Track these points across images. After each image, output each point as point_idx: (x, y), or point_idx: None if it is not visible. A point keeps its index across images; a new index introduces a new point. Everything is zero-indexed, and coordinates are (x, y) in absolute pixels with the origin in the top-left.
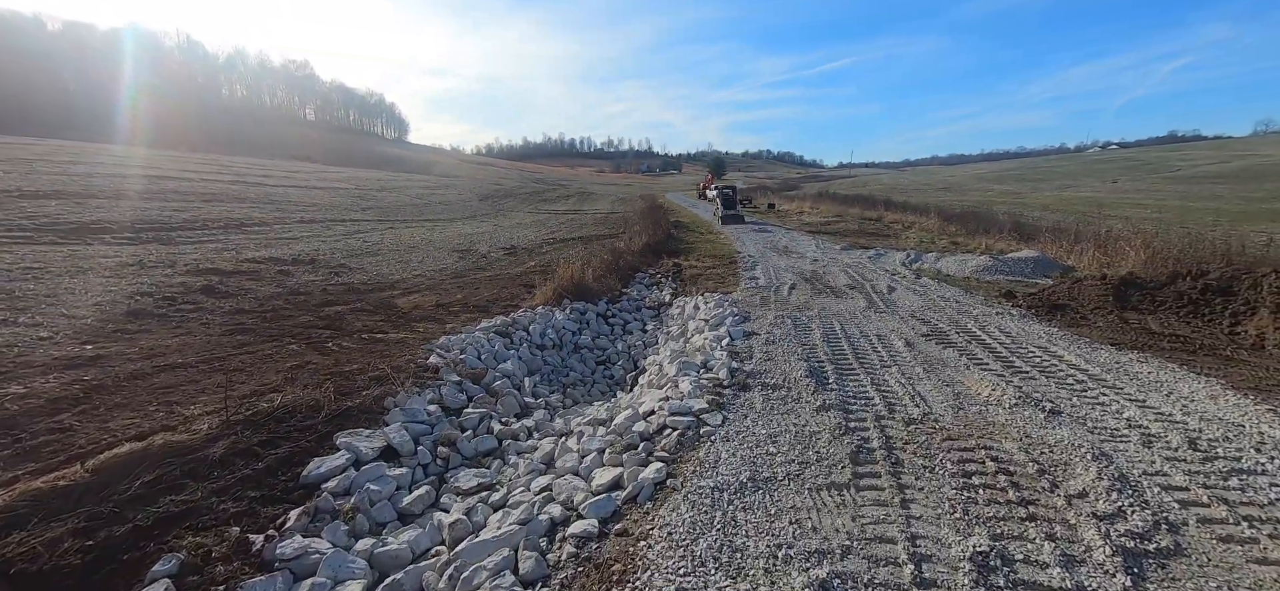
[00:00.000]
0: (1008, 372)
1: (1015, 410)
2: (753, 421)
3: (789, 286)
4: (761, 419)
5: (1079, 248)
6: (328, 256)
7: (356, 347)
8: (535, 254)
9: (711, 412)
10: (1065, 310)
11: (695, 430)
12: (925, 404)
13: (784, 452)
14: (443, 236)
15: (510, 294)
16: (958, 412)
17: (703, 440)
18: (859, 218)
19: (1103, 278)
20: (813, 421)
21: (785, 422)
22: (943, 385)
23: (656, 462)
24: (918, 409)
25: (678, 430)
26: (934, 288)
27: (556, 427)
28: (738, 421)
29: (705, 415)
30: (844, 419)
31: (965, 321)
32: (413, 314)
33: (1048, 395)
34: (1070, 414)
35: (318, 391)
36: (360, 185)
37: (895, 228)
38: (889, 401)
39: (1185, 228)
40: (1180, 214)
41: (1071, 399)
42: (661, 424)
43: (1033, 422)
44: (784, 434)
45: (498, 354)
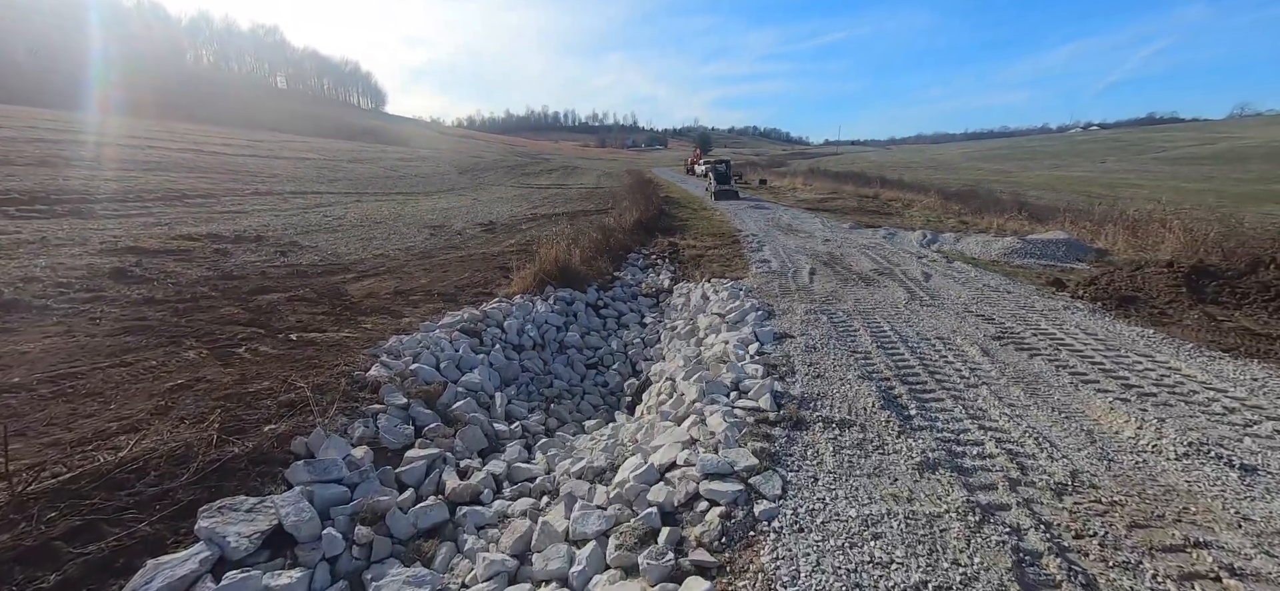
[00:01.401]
0: (1133, 396)
1: (1189, 463)
2: (829, 491)
3: (808, 271)
4: (840, 486)
5: (1104, 230)
6: (278, 233)
7: (276, 355)
8: (515, 231)
9: (764, 473)
10: (1137, 304)
11: (745, 507)
12: (1060, 453)
13: (900, 561)
14: (414, 211)
15: (484, 278)
16: (1114, 469)
17: (761, 530)
18: (855, 195)
19: (1169, 265)
20: (920, 492)
21: (879, 493)
22: (1062, 417)
23: (695, 578)
24: (1056, 463)
25: (719, 506)
26: (973, 274)
27: (536, 472)
28: (806, 491)
29: (755, 478)
30: (965, 488)
31: (1032, 318)
32: (364, 304)
33: (1210, 435)
34: (1267, 469)
35: (195, 429)
36: (329, 156)
37: (895, 206)
38: (1010, 449)
39: (1184, 207)
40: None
41: (1243, 441)
42: (691, 492)
43: (1230, 488)
44: (886, 519)
45: (462, 360)
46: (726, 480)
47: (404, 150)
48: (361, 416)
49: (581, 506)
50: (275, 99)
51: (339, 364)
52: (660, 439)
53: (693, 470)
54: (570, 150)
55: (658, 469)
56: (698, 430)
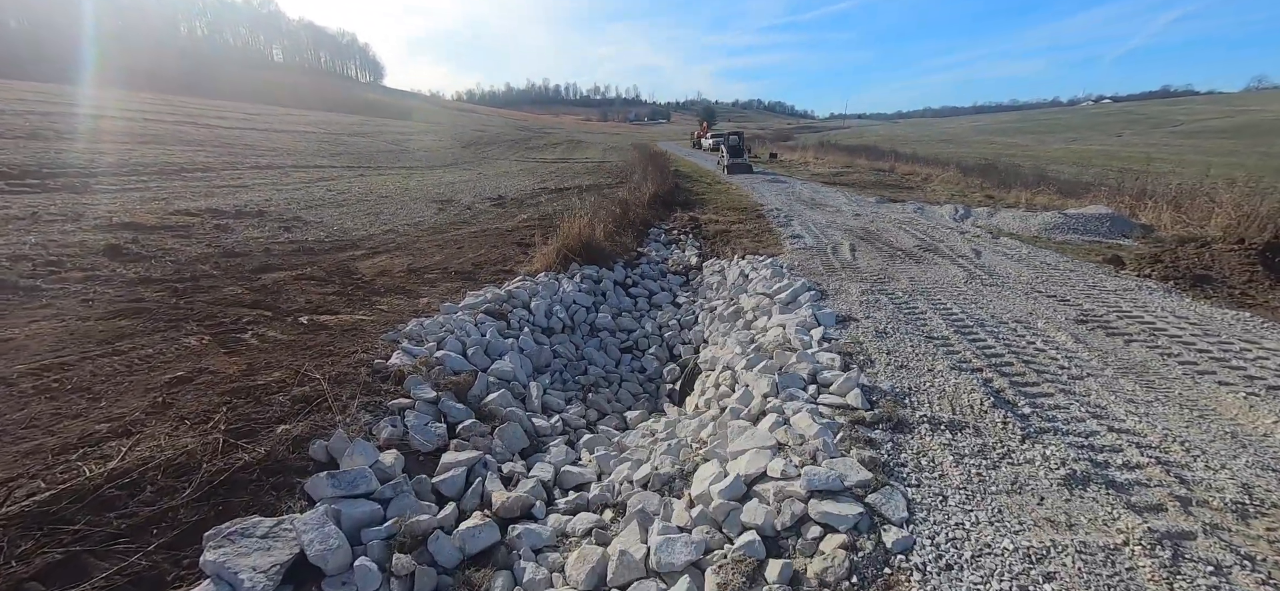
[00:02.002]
0: (1261, 390)
1: None
2: (966, 514)
3: (848, 247)
4: (978, 506)
5: (1143, 204)
6: (281, 208)
7: (286, 341)
8: (526, 205)
9: (882, 489)
10: (1213, 284)
11: (871, 535)
12: (1218, 462)
13: None
14: (420, 185)
15: (501, 255)
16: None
17: (899, 567)
18: (870, 169)
19: (1240, 242)
20: (1079, 516)
21: (1029, 517)
22: (1196, 416)
23: None
24: (1219, 476)
25: (838, 534)
26: (1026, 251)
27: (586, 475)
28: (938, 513)
29: (873, 497)
30: (1130, 509)
31: (1108, 298)
32: (377, 283)
33: None
34: None
35: (198, 431)
36: (329, 129)
37: (914, 180)
38: (1157, 458)
39: (1219, 180)
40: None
41: None
42: (798, 513)
43: None
44: (1053, 554)
45: (491, 345)
46: (839, 499)
47: (405, 124)
48: (387, 413)
49: (661, 529)
50: (271, 72)
51: (356, 351)
52: (739, 442)
53: (793, 485)
54: (572, 124)
55: (744, 480)
56: (784, 433)
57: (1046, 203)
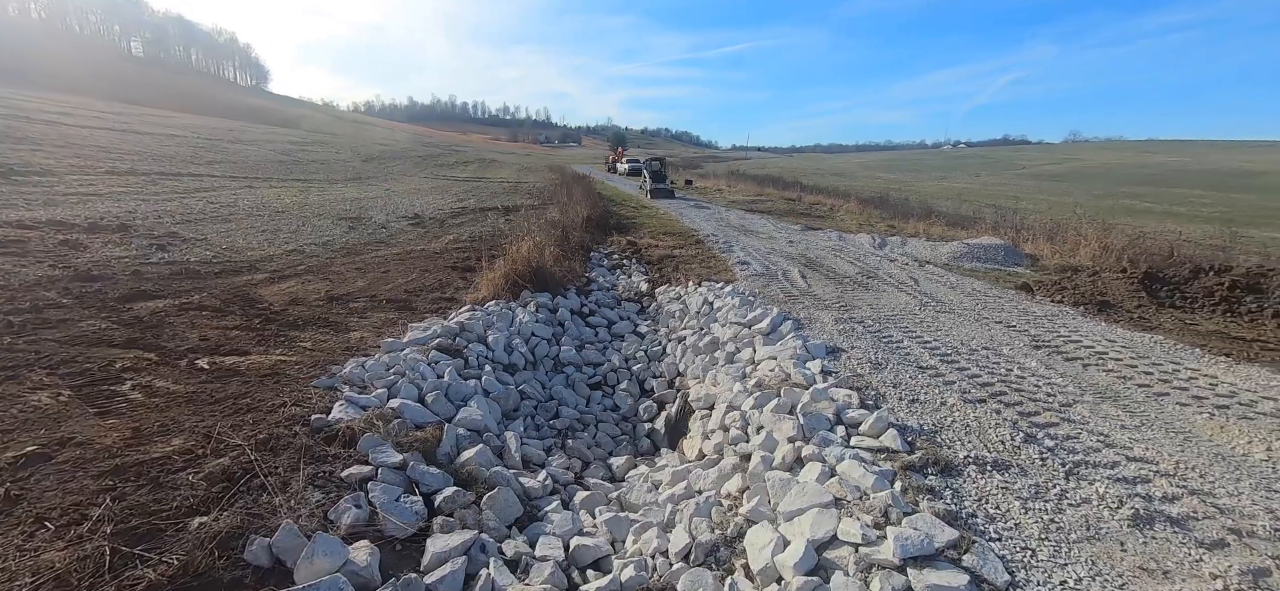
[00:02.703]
0: (1212, 409)
1: None
2: (1064, 570)
3: (797, 274)
4: (1071, 561)
5: (1022, 236)
6: (149, 221)
7: (183, 392)
8: (448, 225)
9: (969, 546)
10: (1113, 308)
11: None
12: (1235, 488)
13: None
14: (321, 200)
15: (437, 281)
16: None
17: None
18: (780, 198)
19: (1124, 271)
20: (1168, 561)
21: (1126, 568)
22: (1185, 439)
23: None
24: (1243, 500)
25: None
26: (952, 279)
27: (601, 547)
28: (1037, 573)
29: (968, 559)
30: (1200, 546)
31: (1045, 323)
32: (290, 315)
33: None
34: None
35: (69, 540)
36: (204, 134)
37: (821, 209)
38: (1185, 486)
39: (1076, 217)
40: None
41: None
42: (900, 588)
43: None
44: None
45: (452, 389)
46: (938, 566)
47: (295, 133)
48: (344, 488)
49: None
50: (129, 67)
51: (283, 403)
52: (790, 500)
53: (879, 551)
54: (481, 143)
55: (815, 547)
56: (836, 485)
57: (941, 233)
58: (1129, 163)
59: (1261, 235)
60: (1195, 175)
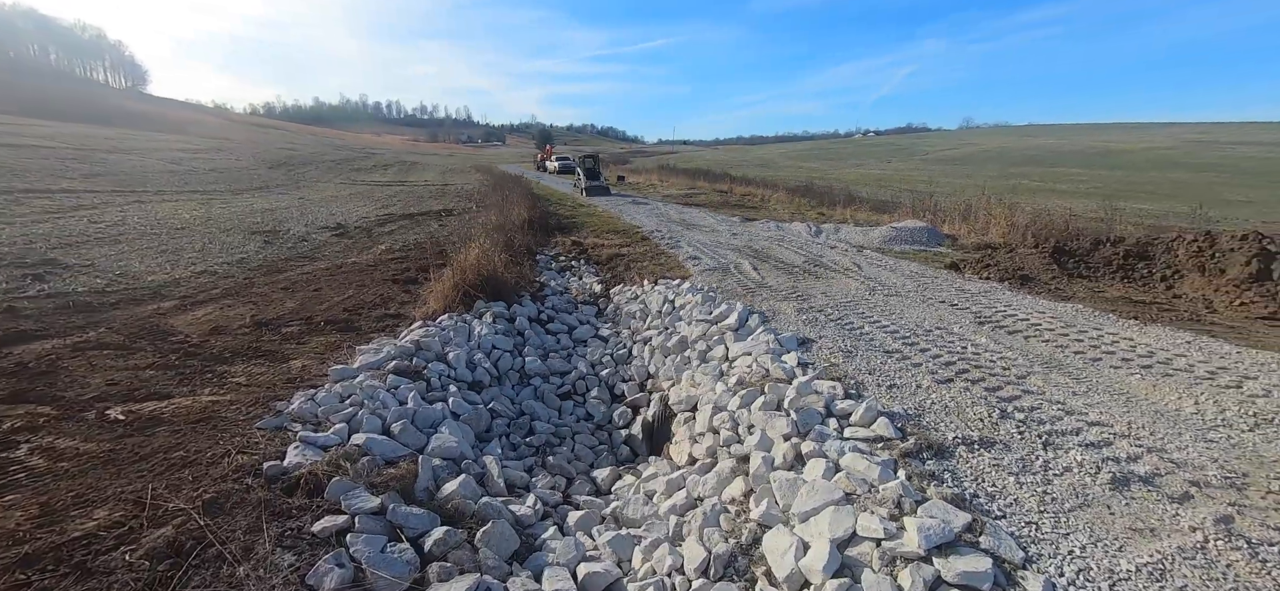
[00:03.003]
0: (1140, 370)
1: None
2: (1067, 539)
3: (749, 267)
4: (1073, 530)
5: (939, 217)
6: (18, 248)
7: (97, 452)
8: (378, 235)
9: (982, 529)
10: (1032, 281)
11: (1011, 587)
12: (1188, 445)
13: None
14: (227, 214)
15: (379, 296)
16: (1241, 452)
17: None
18: (713, 190)
19: (1036, 246)
20: (1152, 519)
21: (1120, 529)
22: (1125, 399)
23: None
24: (1191, 453)
25: None
26: (890, 261)
27: (612, 571)
28: (1046, 545)
29: (985, 541)
30: (1175, 503)
31: (981, 299)
32: (212, 347)
33: (1253, 405)
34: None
35: None
36: (76, 143)
37: (753, 199)
38: (1143, 446)
39: (983, 198)
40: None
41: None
42: (931, 579)
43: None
44: (1167, 566)
45: (418, 415)
46: (961, 552)
47: (185, 140)
48: (319, 546)
49: None
50: None
51: (226, 452)
52: (803, 500)
53: (902, 544)
54: (398, 144)
55: (837, 545)
56: (844, 480)
57: (866, 218)
58: (1015, 146)
59: (1133, 207)
60: (1070, 155)
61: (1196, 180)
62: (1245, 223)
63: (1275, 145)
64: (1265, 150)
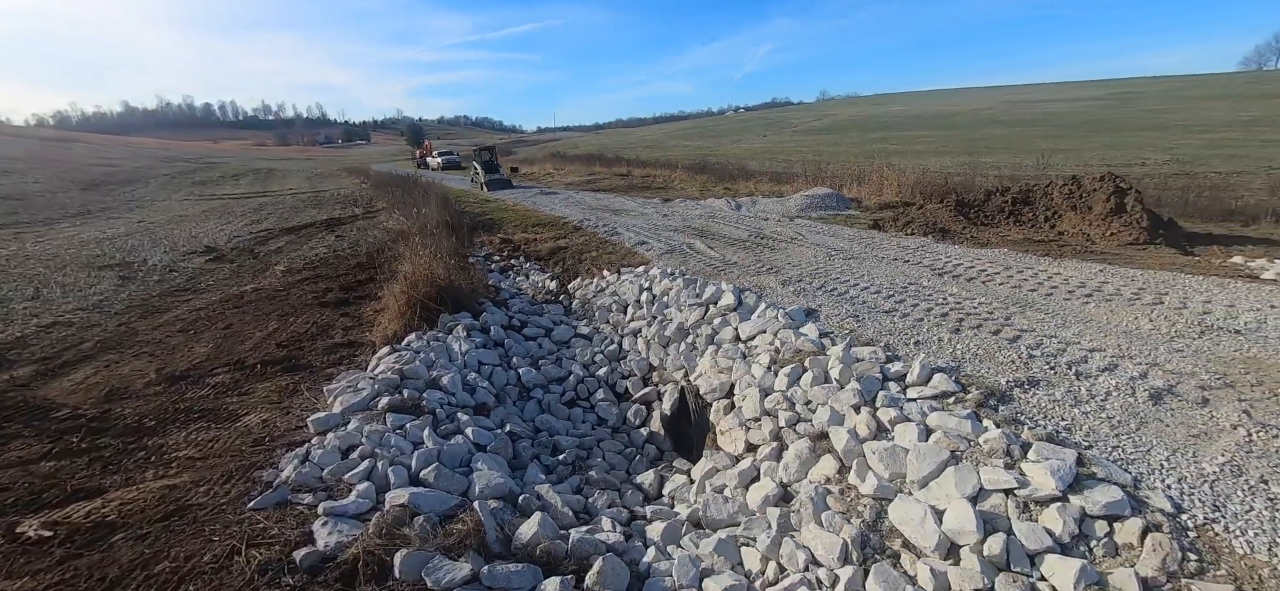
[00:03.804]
0: (1099, 299)
1: (1210, 336)
2: (1150, 455)
3: (704, 246)
4: (1156, 443)
5: (835, 182)
6: None
7: (35, 587)
8: (264, 255)
9: (1087, 460)
10: (950, 233)
11: (1140, 508)
12: (1171, 357)
13: None
14: (50, 250)
15: (311, 325)
16: (1202, 360)
17: (1187, 524)
18: (612, 174)
19: (942, 201)
20: (1197, 423)
21: (1184, 435)
22: (1102, 327)
23: None
24: (1175, 361)
25: (1126, 520)
26: (824, 228)
27: (741, 584)
28: (1141, 465)
29: (1098, 470)
30: (1196, 405)
31: (926, 254)
32: (120, 416)
33: (1188, 315)
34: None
35: None
36: None
37: (657, 181)
38: (1150, 361)
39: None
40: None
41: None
42: (1078, 514)
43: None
44: (1243, 459)
45: (445, 454)
46: (1088, 485)
47: None
48: None
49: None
50: None
51: (226, 551)
52: (917, 467)
53: (1036, 489)
54: (241, 150)
55: (970, 502)
56: (945, 439)
57: (771, 189)
58: (868, 114)
59: (986, 161)
60: (916, 120)
61: (1018, 134)
62: (1064, 169)
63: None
64: (1068, 105)
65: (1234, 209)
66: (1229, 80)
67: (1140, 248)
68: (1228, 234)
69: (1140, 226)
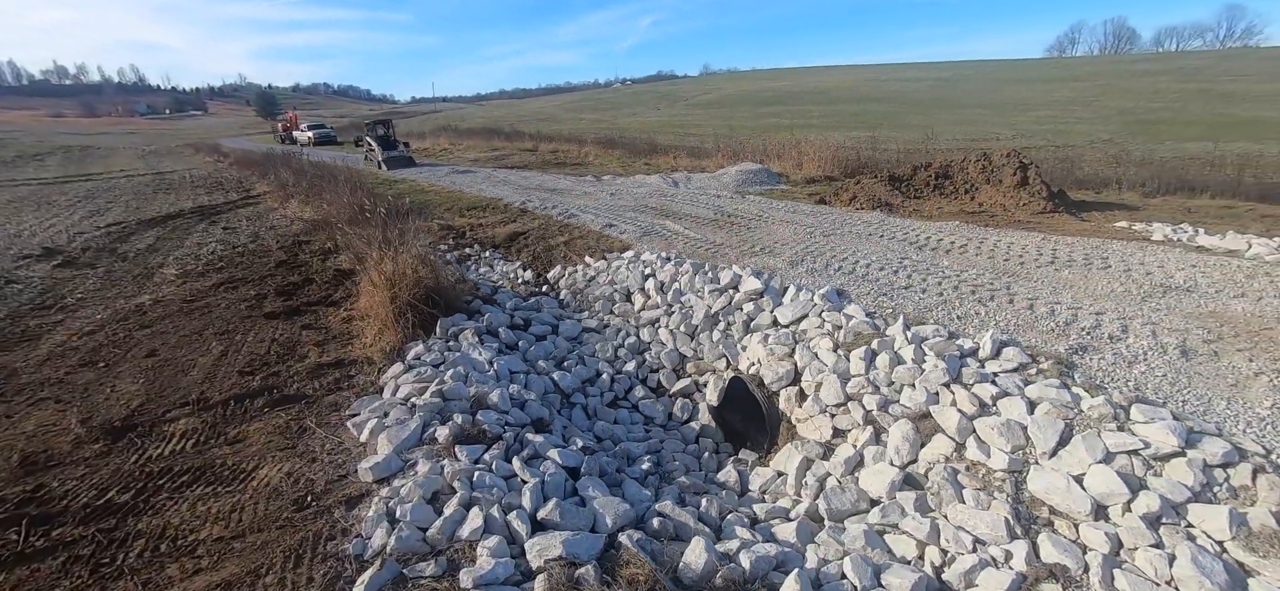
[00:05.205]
0: (1068, 267)
1: (1169, 297)
2: (1207, 404)
3: (673, 225)
4: (1214, 393)
5: (751, 157)
6: None
7: None
8: (131, 256)
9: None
10: (893, 207)
11: (1243, 456)
12: (1161, 316)
13: None
14: None
15: (271, 346)
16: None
17: None
18: (518, 149)
19: (876, 176)
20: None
21: (1226, 386)
22: (1083, 291)
23: None
24: (1175, 321)
25: (1247, 462)
26: (779, 205)
27: (914, 571)
28: (1218, 416)
29: (1198, 423)
30: (1222, 357)
31: (889, 228)
32: (58, 497)
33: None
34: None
35: None
36: None
37: (572, 156)
38: (1147, 321)
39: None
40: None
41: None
42: (1209, 461)
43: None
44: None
45: (547, 486)
46: (1197, 439)
47: None
48: None
49: None
50: None
51: None
52: (1042, 438)
53: (1158, 447)
54: (33, 121)
55: (1107, 464)
56: (1052, 409)
57: (692, 165)
58: (753, 89)
59: (887, 136)
60: (798, 95)
61: (882, 109)
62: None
63: (918, 80)
64: (922, 85)
65: (1081, 178)
66: (1038, 66)
67: (1048, 215)
68: (1094, 201)
69: (1042, 197)
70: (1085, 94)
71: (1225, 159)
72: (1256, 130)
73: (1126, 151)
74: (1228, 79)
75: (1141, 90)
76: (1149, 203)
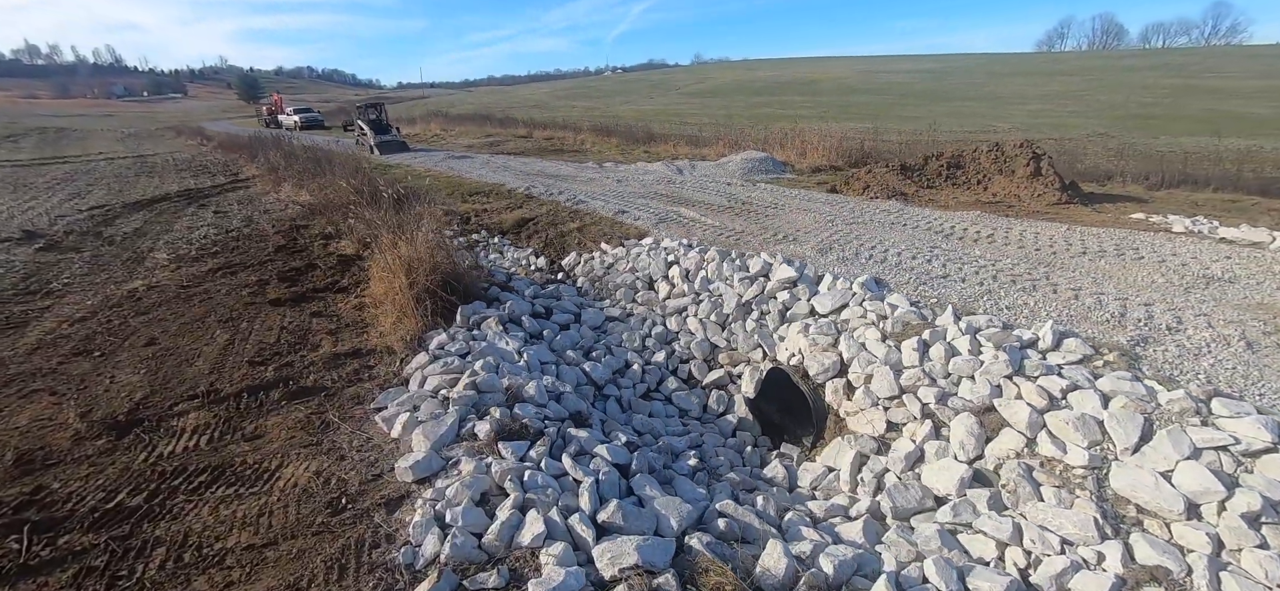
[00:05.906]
0: (1100, 258)
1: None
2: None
3: (688, 212)
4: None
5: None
6: None
7: None
8: (119, 240)
9: None
10: (907, 196)
11: None
12: (1208, 308)
13: None
14: None
15: (281, 334)
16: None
17: None
18: (513, 136)
19: (886, 165)
20: None
21: None
22: (1122, 282)
23: None
24: (1224, 312)
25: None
26: (793, 193)
27: (995, 572)
28: None
29: None
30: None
31: (909, 217)
32: (60, 499)
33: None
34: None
35: None
36: None
37: (569, 143)
38: (1195, 313)
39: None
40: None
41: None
42: None
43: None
44: None
45: (603, 487)
46: None
47: None
48: None
49: None
50: None
51: None
52: (1123, 435)
53: (1249, 443)
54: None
55: (1195, 458)
56: (1128, 402)
57: (693, 153)
58: (745, 78)
59: (886, 127)
60: (789, 86)
61: (877, 101)
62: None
63: (910, 72)
64: (913, 77)
65: (1084, 171)
66: (1029, 59)
67: (1063, 206)
68: (1102, 193)
69: (1056, 188)
70: (1076, 88)
71: (1225, 154)
72: (1250, 126)
73: (1128, 145)
74: (1214, 75)
75: (1132, 85)
76: (1154, 195)
